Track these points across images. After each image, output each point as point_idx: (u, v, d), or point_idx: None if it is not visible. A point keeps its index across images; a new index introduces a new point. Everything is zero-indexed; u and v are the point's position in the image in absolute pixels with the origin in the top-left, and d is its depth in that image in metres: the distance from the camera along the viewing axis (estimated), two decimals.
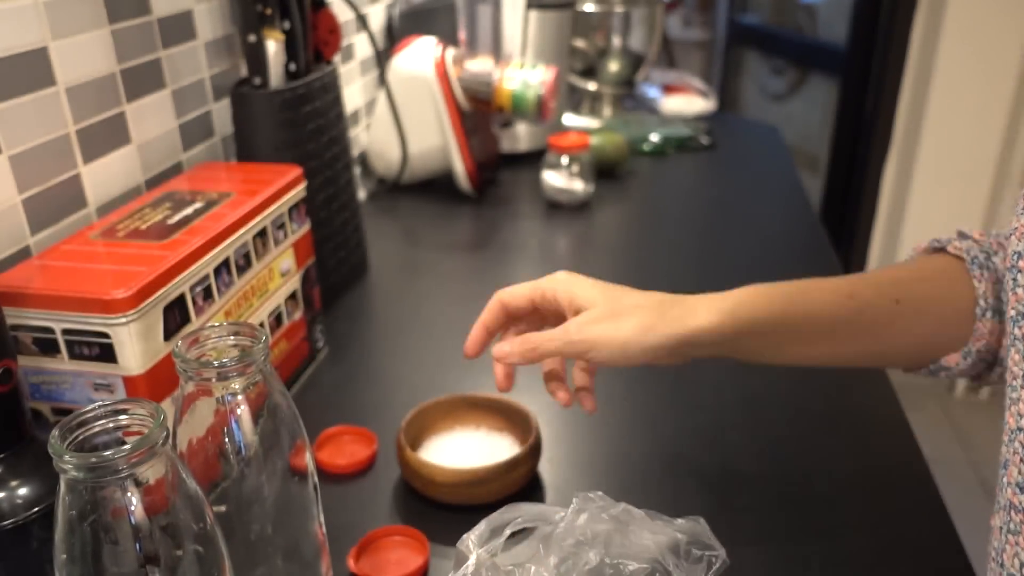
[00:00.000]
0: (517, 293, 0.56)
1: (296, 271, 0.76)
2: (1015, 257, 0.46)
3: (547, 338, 0.53)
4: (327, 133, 0.89)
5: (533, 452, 0.64)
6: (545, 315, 0.57)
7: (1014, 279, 0.45)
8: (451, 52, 1.18)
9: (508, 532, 0.54)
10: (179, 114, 0.82)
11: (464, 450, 0.67)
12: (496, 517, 0.55)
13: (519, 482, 0.63)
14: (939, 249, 0.58)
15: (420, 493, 0.64)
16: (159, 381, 0.57)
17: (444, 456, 0.66)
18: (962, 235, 0.58)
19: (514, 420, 0.69)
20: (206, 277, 0.62)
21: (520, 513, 0.55)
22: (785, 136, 1.58)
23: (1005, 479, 0.44)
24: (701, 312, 0.53)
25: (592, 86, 1.61)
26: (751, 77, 2.88)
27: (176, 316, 0.58)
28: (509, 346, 0.55)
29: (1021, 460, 0.43)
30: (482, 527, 0.54)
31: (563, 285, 0.55)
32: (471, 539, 0.53)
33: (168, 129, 0.80)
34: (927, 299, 0.56)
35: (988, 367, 0.57)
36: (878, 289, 0.56)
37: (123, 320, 0.54)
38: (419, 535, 0.59)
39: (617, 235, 1.16)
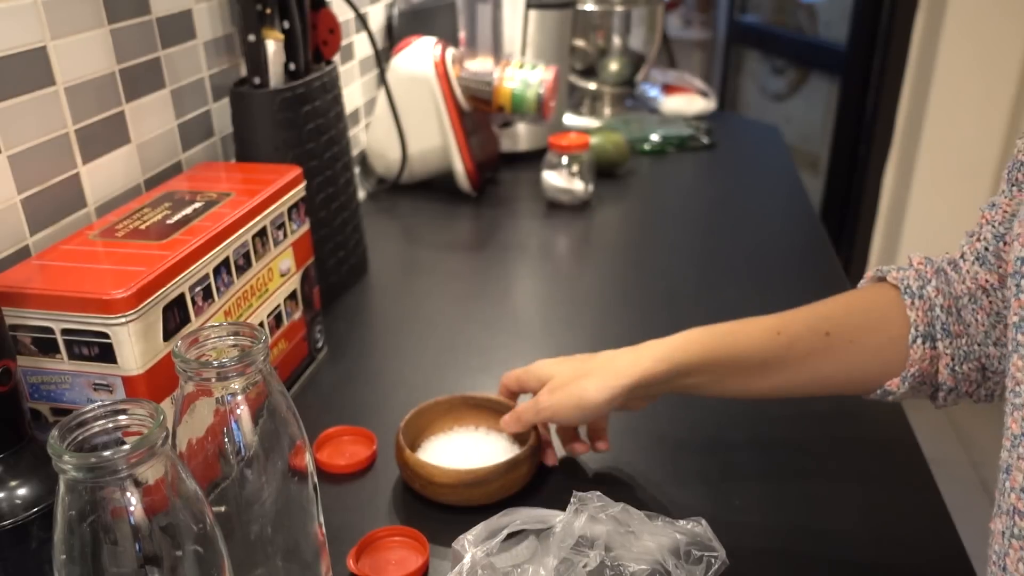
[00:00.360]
0: (510, 376, 0.68)
1: (296, 271, 0.76)
2: (1018, 263, 0.46)
3: (524, 410, 0.64)
4: (326, 133, 0.88)
5: (533, 452, 0.64)
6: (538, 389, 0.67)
7: (1017, 285, 0.45)
8: (451, 52, 1.18)
9: (505, 533, 0.54)
10: (178, 114, 0.82)
11: (463, 450, 0.67)
12: (494, 520, 0.55)
13: (519, 482, 0.63)
14: (882, 278, 0.62)
15: (419, 494, 0.64)
16: (159, 381, 0.57)
17: (443, 456, 0.66)
18: (909, 263, 0.61)
19: None
20: (206, 277, 0.62)
21: (519, 516, 0.55)
22: (785, 136, 1.58)
23: (1008, 483, 0.44)
24: (643, 361, 0.60)
25: (592, 86, 1.61)
26: (751, 77, 2.88)
27: (176, 316, 0.58)
28: (507, 418, 0.66)
29: None
30: (479, 528, 0.54)
31: (531, 371, 0.67)
32: (467, 539, 0.53)
33: (167, 129, 0.80)
34: (858, 329, 0.59)
35: (934, 391, 0.59)
36: (807, 324, 0.60)
37: (122, 320, 0.54)
38: (419, 536, 0.59)
39: (617, 235, 1.16)
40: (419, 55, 1.16)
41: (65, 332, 0.55)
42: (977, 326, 0.56)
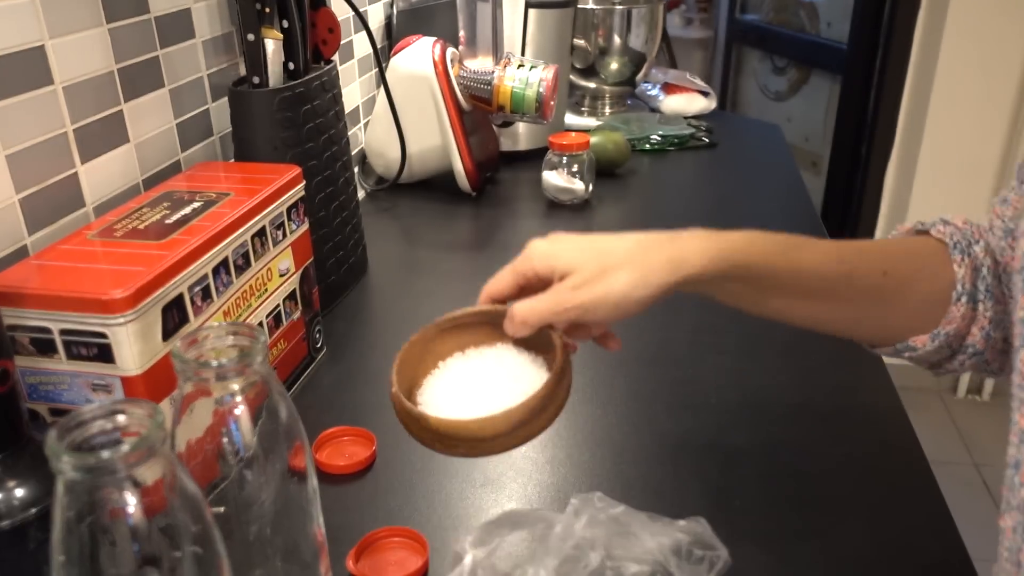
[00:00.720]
0: (501, 282, 0.55)
1: (295, 271, 0.76)
2: None
3: (532, 308, 0.51)
4: (326, 132, 0.88)
5: (567, 356, 0.52)
6: (538, 289, 0.53)
7: None
8: (451, 51, 1.17)
9: (505, 534, 0.54)
10: (177, 113, 0.82)
11: (469, 387, 0.53)
12: (494, 520, 0.55)
13: (567, 394, 0.51)
14: (922, 232, 0.59)
15: (466, 456, 0.50)
16: (157, 381, 0.57)
17: (454, 403, 0.52)
18: (945, 221, 0.59)
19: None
20: (204, 277, 0.62)
21: (519, 517, 0.55)
22: (786, 135, 1.58)
23: (1017, 479, 0.43)
24: (692, 257, 0.50)
25: (592, 85, 1.61)
26: (752, 76, 2.88)
27: (174, 316, 0.58)
28: (508, 323, 0.53)
29: None
30: (479, 529, 0.54)
31: (540, 258, 0.53)
32: (468, 540, 0.53)
33: (166, 128, 0.80)
34: (912, 275, 0.56)
35: (951, 354, 0.57)
36: (867, 259, 0.56)
37: (121, 320, 0.53)
38: (419, 536, 0.59)
39: None
40: (419, 54, 1.16)
41: (63, 332, 0.54)
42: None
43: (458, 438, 0.48)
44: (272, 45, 0.82)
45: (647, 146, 1.45)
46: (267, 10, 0.81)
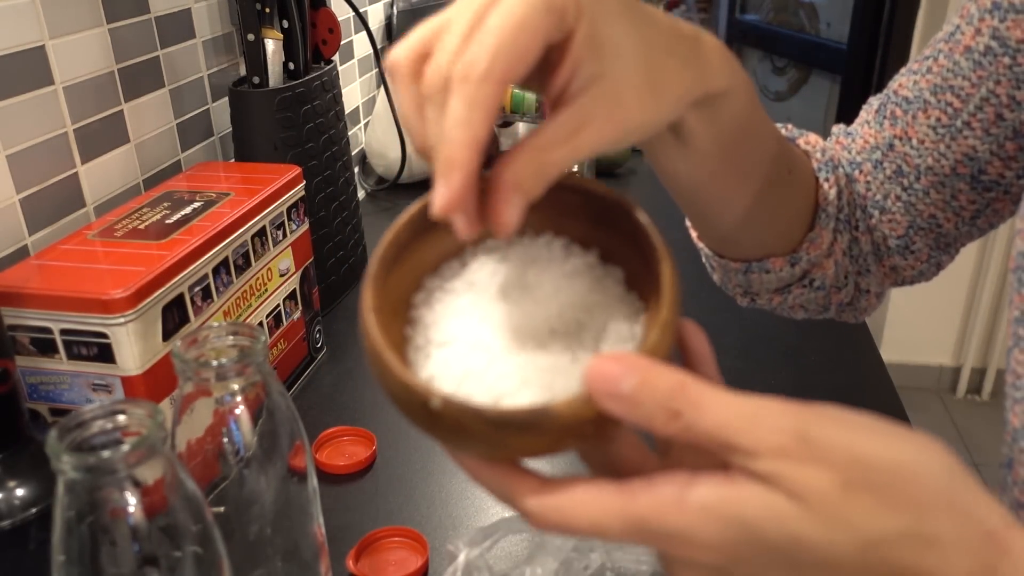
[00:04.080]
0: (525, 53, 0.28)
1: (295, 271, 0.76)
2: (1020, 258, 0.46)
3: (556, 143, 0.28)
4: (326, 132, 0.88)
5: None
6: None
7: (1019, 279, 0.45)
8: None
9: (501, 535, 0.54)
10: (177, 113, 0.82)
11: (487, 327, 0.31)
12: (491, 524, 0.55)
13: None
14: (791, 139, 0.52)
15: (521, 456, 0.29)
16: (158, 381, 0.57)
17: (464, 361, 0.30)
18: (803, 132, 0.53)
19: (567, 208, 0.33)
20: (205, 277, 0.62)
21: (517, 521, 0.55)
22: None
23: (1010, 478, 0.43)
24: (715, 59, 0.34)
25: None
26: (752, 76, 2.87)
27: (175, 316, 0.58)
28: (521, 168, 0.28)
29: None
30: (475, 530, 0.54)
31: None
32: (461, 540, 0.53)
33: (166, 128, 0.80)
34: (801, 184, 0.49)
35: (787, 286, 0.52)
36: (787, 149, 0.46)
37: (121, 320, 0.53)
38: (419, 536, 0.59)
39: None
40: None
41: (64, 332, 0.54)
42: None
43: (540, 429, 0.27)
44: (272, 45, 0.83)
45: None
46: (267, 10, 0.81)
